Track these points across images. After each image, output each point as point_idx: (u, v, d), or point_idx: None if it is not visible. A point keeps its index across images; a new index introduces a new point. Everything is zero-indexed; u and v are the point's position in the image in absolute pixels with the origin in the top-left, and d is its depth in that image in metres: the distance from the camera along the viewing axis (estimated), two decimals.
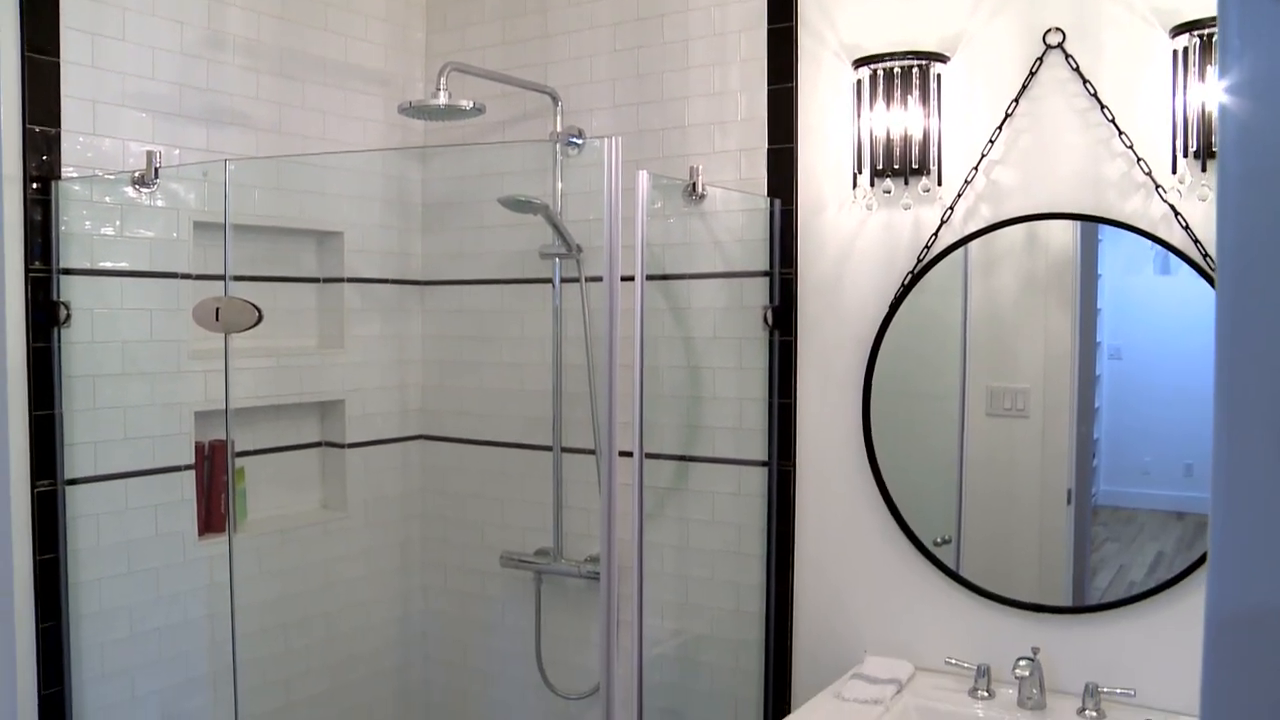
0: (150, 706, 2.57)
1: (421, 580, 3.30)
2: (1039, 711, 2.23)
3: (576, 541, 3.00)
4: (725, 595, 2.75)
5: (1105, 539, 2.32)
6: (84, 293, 2.41)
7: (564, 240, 2.86)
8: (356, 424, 3.07)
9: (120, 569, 2.50)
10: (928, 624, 2.46)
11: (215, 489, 2.71)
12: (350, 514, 3.07)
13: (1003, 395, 2.37)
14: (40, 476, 2.34)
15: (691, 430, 2.77)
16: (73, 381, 2.39)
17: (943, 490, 2.47)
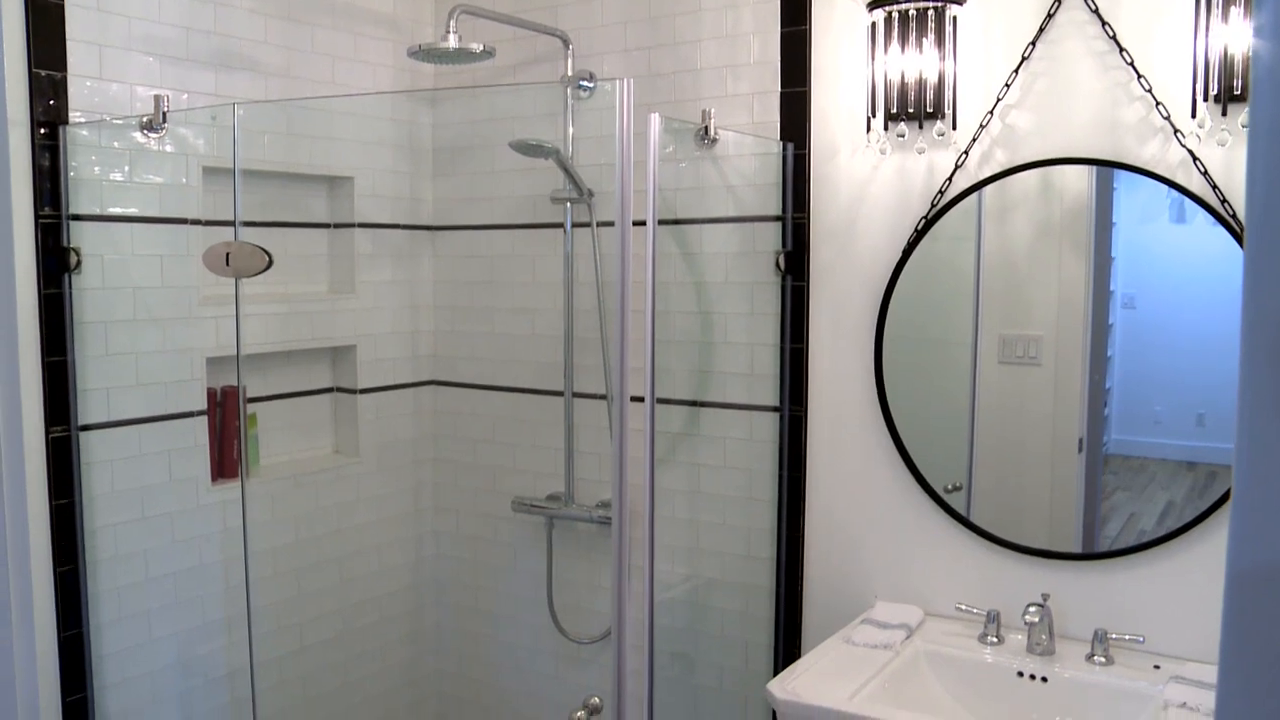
0: (167, 649, 2.60)
1: (433, 525, 3.32)
2: (1048, 657, 2.24)
3: (588, 487, 3.01)
4: (736, 540, 2.76)
5: (1115, 487, 2.32)
6: (94, 239, 2.40)
7: (575, 185, 2.84)
8: (368, 369, 3.07)
9: (134, 514, 2.51)
10: (938, 570, 2.47)
11: (227, 435, 2.72)
12: (362, 459, 3.08)
13: (1015, 343, 2.36)
14: (54, 423, 2.34)
15: (703, 375, 2.77)
16: (84, 328, 2.39)
17: (954, 437, 2.46)
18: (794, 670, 2.21)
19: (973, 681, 2.26)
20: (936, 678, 2.28)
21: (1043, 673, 2.21)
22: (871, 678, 2.17)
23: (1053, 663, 2.23)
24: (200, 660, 2.67)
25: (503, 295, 3.13)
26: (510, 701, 3.25)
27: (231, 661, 2.73)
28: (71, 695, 2.41)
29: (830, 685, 2.12)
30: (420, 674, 3.33)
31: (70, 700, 2.41)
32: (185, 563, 2.62)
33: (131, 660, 2.53)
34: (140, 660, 2.55)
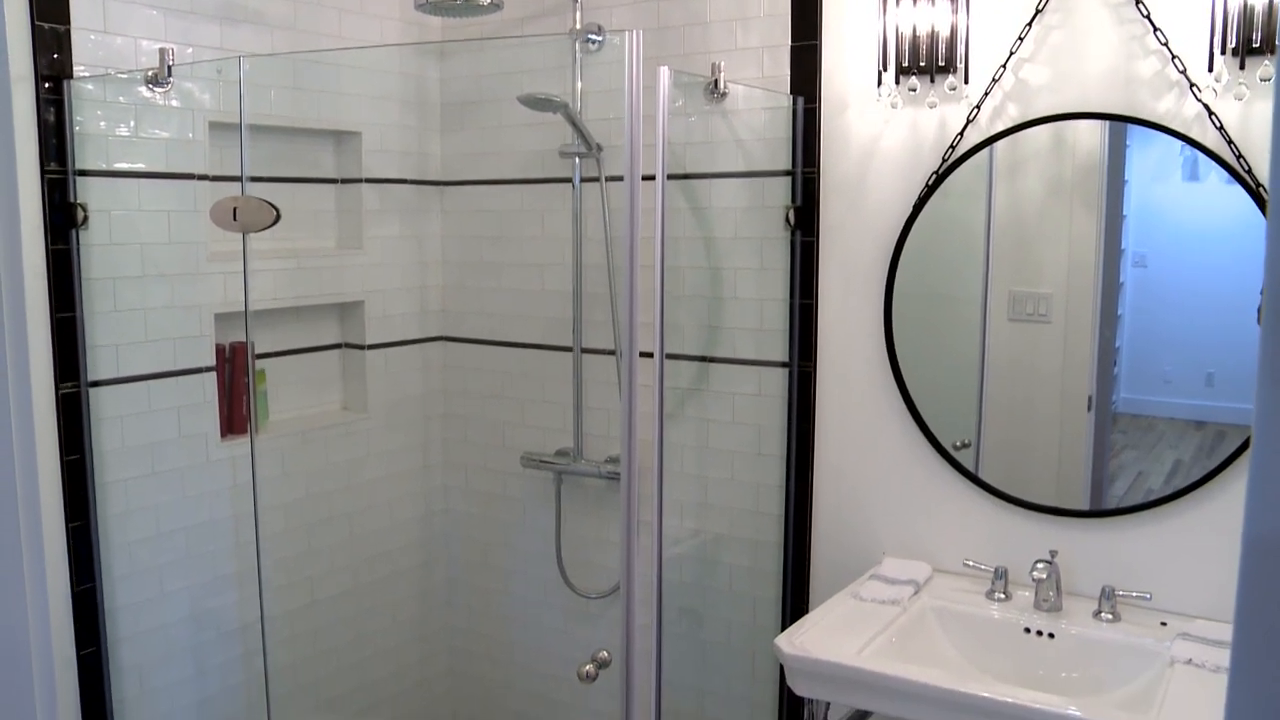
0: (179, 603, 2.62)
1: (442, 481, 3.33)
2: (1055, 613, 2.25)
3: (596, 442, 3.01)
4: (745, 496, 2.76)
5: (1124, 446, 2.32)
6: (101, 194, 2.39)
7: (584, 139, 2.82)
8: (376, 325, 3.07)
9: (145, 470, 2.52)
10: (946, 526, 2.47)
11: (236, 391, 2.73)
12: (371, 415, 3.08)
13: (1025, 300, 2.35)
14: (64, 379, 2.35)
15: (712, 331, 2.76)
16: (92, 284, 2.39)
17: (963, 394, 2.46)
18: (802, 625, 2.22)
19: (980, 637, 2.27)
20: (944, 633, 2.29)
21: (1050, 629, 2.22)
22: (879, 633, 2.18)
23: (1059, 619, 2.23)
24: (212, 614, 2.69)
25: (511, 250, 3.12)
26: (519, 656, 3.27)
27: (243, 615, 2.74)
28: (85, 648, 2.43)
29: (838, 640, 2.13)
30: (430, 628, 3.35)
31: (84, 653, 2.43)
32: (196, 518, 2.63)
33: (144, 614, 2.55)
34: (152, 614, 2.57)
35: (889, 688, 2.00)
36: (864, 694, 2.05)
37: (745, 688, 2.84)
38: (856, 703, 2.11)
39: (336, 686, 3.06)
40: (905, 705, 2.00)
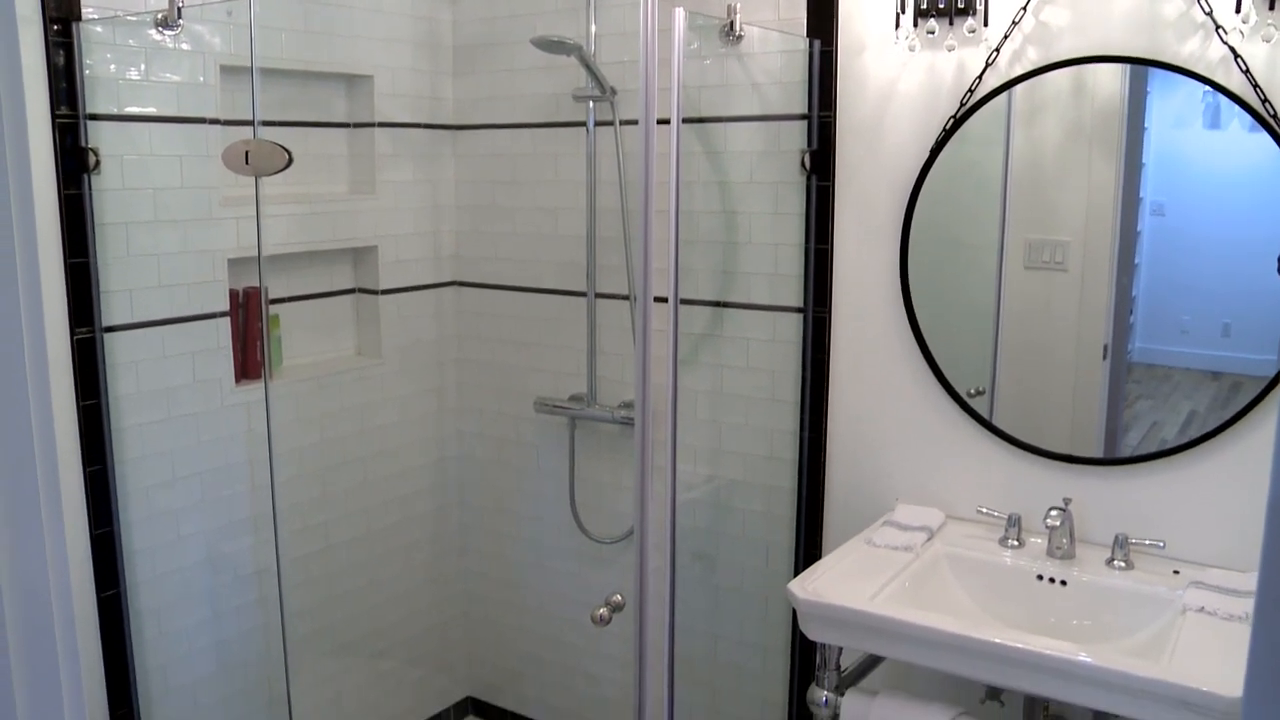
0: (195, 547, 2.64)
1: (456, 425, 3.33)
2: (1068, 561, 2.25)
3: (610, 387, 3.01)
4: (758, 441, 2.76)
5: (1138, 396, 2.30)
6: (112, 139, 2.38)
7: (598, 82, 2.79)
8: (389, 270, 3.06)
9: (160, 415, 2.53)
10: (960, 473, 2.47)
11: (250, 336, 2.73)
12: (385, 360, 3.08)
13: (1041, 248, 2.32)
14: (79, 324, 2.35)
15: (726, 276, 2.75)
16: (105, 229, 2.38)
17: (978, 341, 2.44)
18: (815, 570, 2.23)
19: (992, 584, 2.27)
20: (956, 580, 2.29)
21: (1062, 576, 2.22)
22: (892, 579, 2.18)
23: (1072, 566, 2.23)
24: (228, 558, 2.71)
25: (524, 195, 3.10)
26: (532, 600, 3.30)
27: (258, 560, 2.76)
28: (105, 591, 2.46)
29: (851, 585, 2.14)
30: (444, 572, 3.37)
31: (104, 595, 2.46)
32: (211, 463, 2.64)
33: (161, 557, 2.57)
34: (170, 557, 2.59)
35: (901, 633, 2.00)
36: (876, 639, 2.06)
37: (758, 633, 2.86)
38: (869, 648, 2.12)
39: (352, 630, 3.09)
40: (917, 651, 2.01)
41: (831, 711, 2.19)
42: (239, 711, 2.79)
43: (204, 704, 2.70)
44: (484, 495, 3.34)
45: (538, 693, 3.37)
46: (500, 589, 3.37)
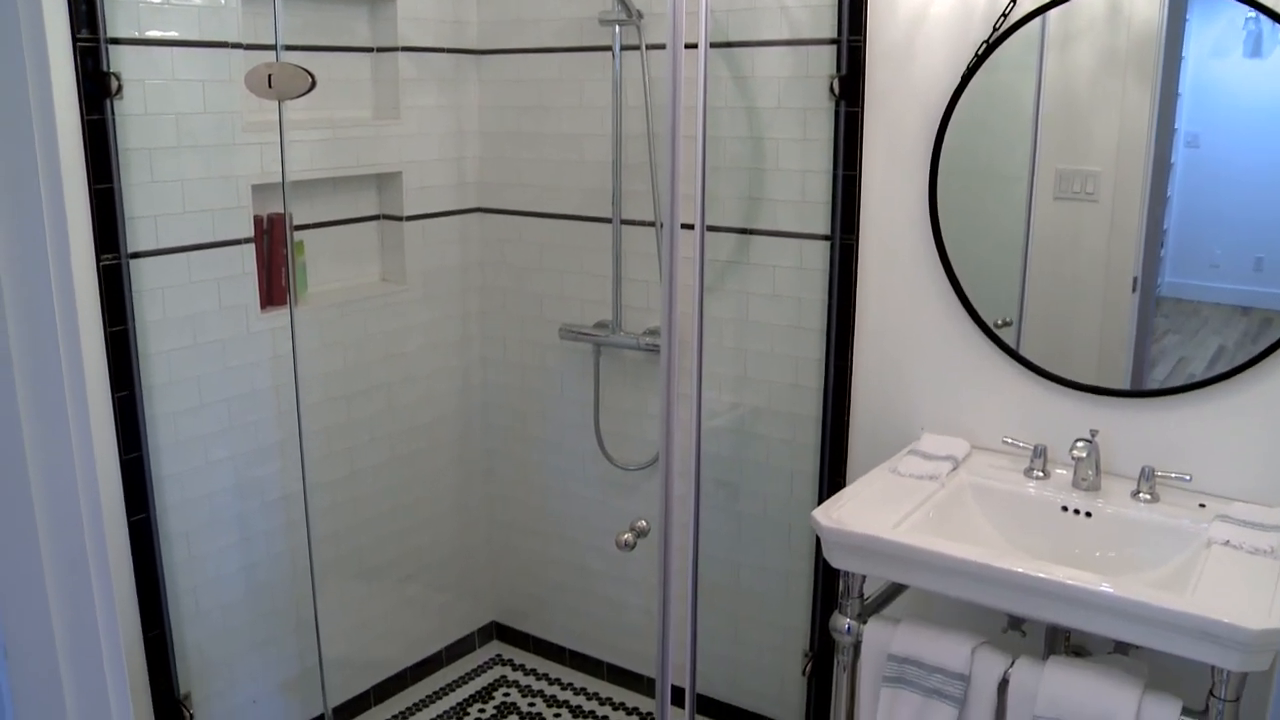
0: (223, 472, 2.66)
1: (481, 352, 3.34)
2: (1093, 493, 2.24)
3: (635, 314, 3.00)
4: (784, 370, 2.75)
5: (1166, 331, 2.27)
6: (134, 63, 2.36)
7: (624, 6, 2.75)
8: (414, 196, 3.05)
9: (187, 341, 2.54)
10: (986, 404, 2.46)
11: (275, 262, 2.72)
12: (409, 287, 3.08)
13: (1072, 178, 2.29)
14: (104, 250, 2.35)
15: (753, 203, 2.73)
16: (129, 155, 2.37)
17: (1006, 272, 2.42)
18: (839, 499, 2.23)
19: (1017, 514, 2.27)
20: (981, 510, 2.29)
21: (1087, 507, 2.22)
22: (916, 508, 2.18)
23: (1097, 498, 2.23)
24: (255, 483, 2.73)
25: (549, 120, 3.07)
26: (556, 526, 3.32)
27: (285, 485, 2.79)
28: (135, 515, 2.48)
29: (875, 514, 2.14)
30: (468, 499, 3.40)
31: (134, 520, 2.48)
32: (237, 389, 2.66)
33: (190, 482, 2.59)
34: (198, 483, 2.61)
35: (925, 562, 2.01)
36: (900, 567, 2.06)
37: (781, 560, 2.87)
38: (892, 576, 2.12)
39: (377, 555, 3.12)
40: (940, 580, 2.01)
41: (854, 639, 2.21)
42: (268, 633, 2.83)
43: (233, 626, 2.74)
44: (509, 422, 3.35)
45: (562, 618, 3.40)
46: (525, 515, 3.39)
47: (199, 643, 2.67)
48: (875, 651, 2.14)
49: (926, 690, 2.06)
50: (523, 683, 3.37)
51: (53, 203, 0.86)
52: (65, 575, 0.89)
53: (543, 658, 3.49)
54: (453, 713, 3.21)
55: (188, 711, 2.65)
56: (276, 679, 2.88)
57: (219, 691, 2.74)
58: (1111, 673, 1.90)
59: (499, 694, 3.31)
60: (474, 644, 3.52)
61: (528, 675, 3.41)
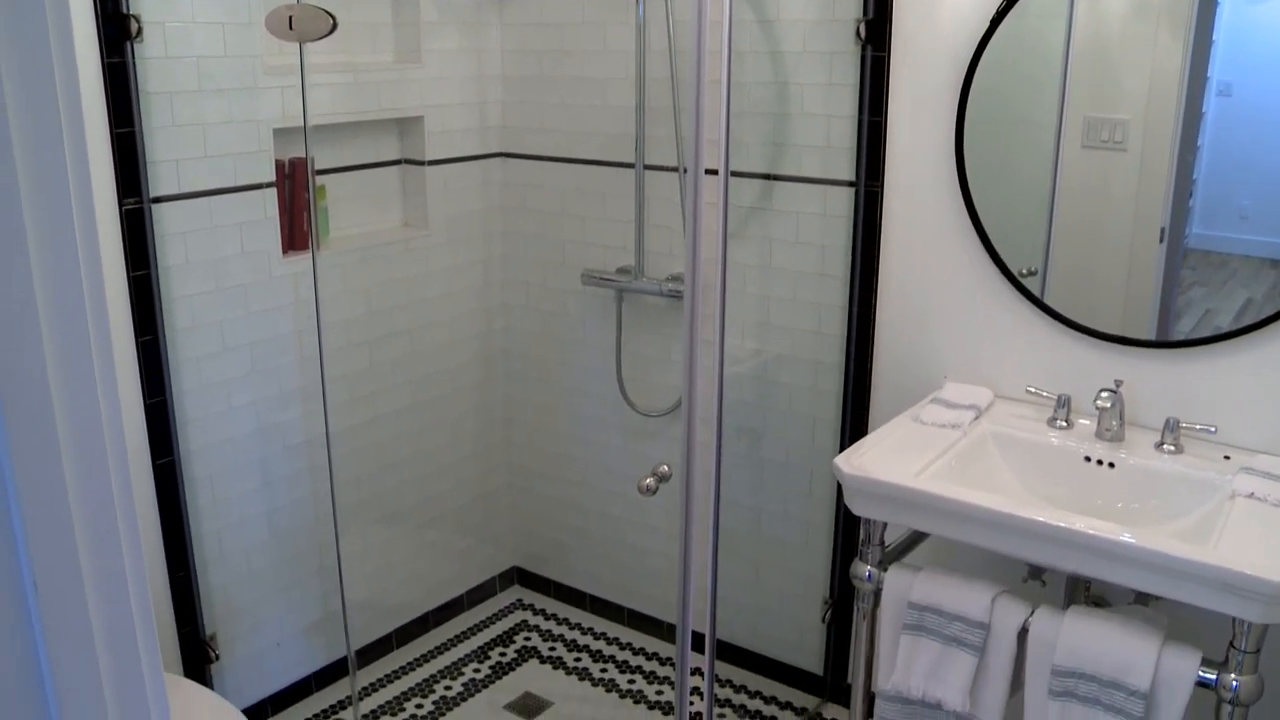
0: (246, 417, 2.67)
1: (502, 298, 3.33)
2: (1117, 443, 2.23)
3: (658, 260, 2.99)
4: (806, 316, 2.74)
5: (1192, 283, 2.24)
6: (154, 6, 2.34)
7: None
8: (436, 141, 3.03)
9: (209, 286, 2.54)
10: (1010, 353, 2.44)
11: (297, 207, 2.72)
12: (431, 232, 3.07)
13: (1101, 126, 2.25)
14: (126, 195, 2.34)
15: (777, 148, 2.70)
16: (150, 98, 2.36)
17: (1033, 220, 2.39)
18: (861, 446, 2.22)
19: (1039, 464, 2.26)
20: (1003, 459, 2.28)
21: (1110, 458, 2.21)
22: (938, 456, 2.18)
23: (1121, 449, 2.22)
24: (277, 428, 2.74)
25: (572, 64, 3.04)
26: (578, 472, 3.33)
27: (308, 430, 2.80)
28: (160, 459, 2.50)
29: (896, 462, 2.13)
30: (490, 444, 3.41)
31: (159, 463, 2.50)
32: (260, 334, 2.66)
33: (213, 427, 2.61)
34: (221, 427, 2.62)
35: (946, 510, 2.00)
36: (921, 515, 2.06)
37: (802, 508, 2.88)
38: (913, 524, 2.12)
39: (399, 500, 3.14)
40: (962, 528, 2.01)
41: (874, 586, 2.21)
42: (291, 577, 2.86)
43: (257, 569, 2.77)
44: (530, 368, 3.35)
45: (583, 564, 3.42)
46: (546, 461, 3.40)
47: (224, 585, 2.70)
48: (895, 599, 2.15)
49: (946, 638, 2.07)
50: (543, 627, 3.40)
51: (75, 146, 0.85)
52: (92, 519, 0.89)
53: (563, 603, 3.51)
54: (474, 656, 3.24)
55: (213, 652, 2.68)
56: (300, 622, 2.91)
57: (243, 633, 2.77)
58: (1131, 623, 1.90)
59: (519, 638, 3.34)
60: (495, 589, 3.55)
61: (548, 620, 3.44)
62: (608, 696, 3.05)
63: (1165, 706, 1.86)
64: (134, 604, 0.94)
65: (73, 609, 0.88)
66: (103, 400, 0.87)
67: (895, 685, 2.15)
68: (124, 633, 0.93)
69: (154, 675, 0.98)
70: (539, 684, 3.11)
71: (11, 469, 0.81)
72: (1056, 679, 1.93)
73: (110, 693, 0.93)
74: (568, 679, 3.13)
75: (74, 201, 0.83)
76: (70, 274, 0.84)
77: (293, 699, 2.95)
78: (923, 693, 2.11)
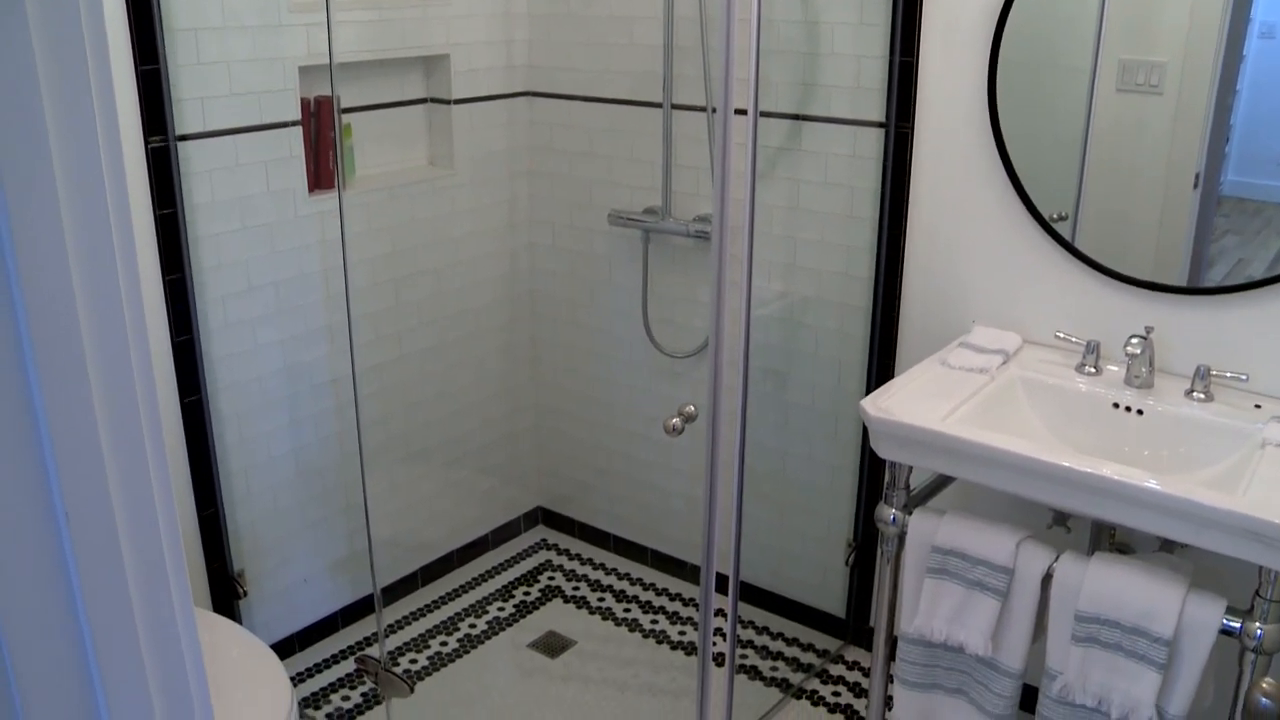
0: (273, 355, 2.68)
1: (528, 238, 3.32)
2: (1146, 390, 2.21)
3: (684, 200, 2.97)
4: (834, 258, 2.72)
5: (1226, 230, 2.21)
6: None
7: None
8: (462, 80, 3.01)
9: (235, 224, 2.54)
10: (1039, 297, 2.42)
11: (323, 145, 2.71)
12: (457, 171, 3.06)
13: (1136, 69, 2.21)
14: (152, 133, 2.34)
15: (807, 88, 2.67)
16: (175, 35, 2.35)
17: (1064, 164, 2.36)
18: (887, 389, 2.21)
19: (1066, 410, 2.25)
20: (1031, 404, 2.27)
21: (1139, 405, 2.19)
22: (965, 400, 2.17)
23: (1150, 396, 2.20)
24: (304, 367, 2.75)
25: (599, 2, 3.01)
26: (603, 412, 3.33)
27: (334, 369, 2.81)
28: (188, 397, 2.51)
29: (923, 405, 2.13)
30: (515, 384, 3.42)
31: (187, 401, 2.51)
32: (286, 272, 2.66)
33: (240, 365, 2.62)
34: (248, 365, 2.63)
35: (972, 454, 2.00)
36: (947, 459, 2.06)
37: (827, 451, 2.87)
38: (939, 468, 2.12)
39: (425, 439, 3.15)
40: (987, 472, 2.00)
41: (899, 530, 2.21)
42: (318, 514, 2.88)
43: (284, 506, 2.79)
44: (556, 308, 3.35)
45: (607, 504, 3.44)
46: (571, 402, 3.41)
47: (251, 522, 2.73)
48: (919, 543, 2.15)
49: (969, 582, 2.07)
50: (567, 567, 3.42)
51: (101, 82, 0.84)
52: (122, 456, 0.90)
53: (587, 543, 3.53)
54: (498, 595, 3.27)
55: (241, 588, 2.71)
56: (326, 559, 2.94)
57: (271, 570, 2.80)
58: (1156, 570, 1.90)
59: (544, 578, 3.37)
60: (519, 528, 3.57)
61: (572, 560, 3.46)
62: (630, 636, 3.08)
63: (1188, 654, 1.86)
64: (164, 537, 0.95)
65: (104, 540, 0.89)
66: (131, 335, 0.87)
67: (918, 628, 2.16)
68: (154, 566, 0.94)
69: (185, 608, 0.99)
70: (562, 623, 3.14)
71: (43, 401, 0.82)
72: (1080, 625, 1.93)
73: (142, 625, 0.94)
74: (591, 618, 3.16)
75: (100, 137, 0.83)
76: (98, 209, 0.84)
77: (319, 635, 2.99)
78: (945, 636, 2.12)
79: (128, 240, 0.86)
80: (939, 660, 2.19)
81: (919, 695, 2.23)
